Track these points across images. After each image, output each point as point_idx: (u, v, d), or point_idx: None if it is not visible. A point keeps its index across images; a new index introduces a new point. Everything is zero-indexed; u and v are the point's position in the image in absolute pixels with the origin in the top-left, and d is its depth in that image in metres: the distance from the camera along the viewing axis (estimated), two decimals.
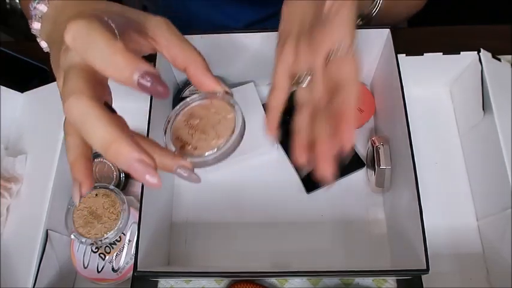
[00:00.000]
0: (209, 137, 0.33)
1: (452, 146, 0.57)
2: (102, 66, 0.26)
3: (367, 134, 0.58)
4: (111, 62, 0.26)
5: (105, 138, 0.25)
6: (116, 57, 0.26)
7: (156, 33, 0.32)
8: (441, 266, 0.50)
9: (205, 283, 0.51)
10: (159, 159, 0.29)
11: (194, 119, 0.34)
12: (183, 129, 0.33)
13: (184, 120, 0.34)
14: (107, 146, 0.25)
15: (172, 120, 0.34)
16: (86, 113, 0.26)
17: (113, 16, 0.29)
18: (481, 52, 0.51)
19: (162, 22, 0.32)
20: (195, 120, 0.34)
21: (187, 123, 0.34)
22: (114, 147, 0.25)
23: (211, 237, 0.53)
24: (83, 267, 0.49)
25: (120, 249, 0.49)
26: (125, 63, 0.26)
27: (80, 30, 0.26)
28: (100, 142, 0.26)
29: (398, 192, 0.49)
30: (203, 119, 0.33)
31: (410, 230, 0.44)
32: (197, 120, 0.33)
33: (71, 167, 0.29)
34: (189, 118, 0.34)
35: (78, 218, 0.50)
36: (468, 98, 0.54)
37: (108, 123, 0.26)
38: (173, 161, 0.30)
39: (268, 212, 0.54)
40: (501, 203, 0.46)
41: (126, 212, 0.50)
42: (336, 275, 0.45)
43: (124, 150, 0.25)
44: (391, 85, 0.50)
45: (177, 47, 0.32)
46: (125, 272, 0.47)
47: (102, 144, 0.26)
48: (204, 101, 0.34)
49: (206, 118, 0.33)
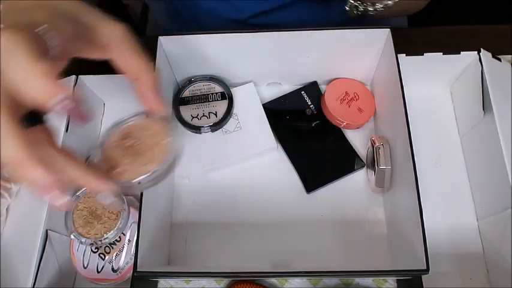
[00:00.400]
0: (139, 162, 0.31)
1: (452, 146, 0.57)
2: (19, 87, 0.25)
3: (367, 134, 0.58)
4: (28, 86, 0.25)
5: (11, 157, 0.25)
6: (34, 81, 0.25)
7: (111, 41, 0.30)
8: (441, 266, 0.50)
9: (205, 283, 0.51)
10: (82, 178, 0.28)
11: (129, 140, 0.32)
12: (115, 149, 0.32)
13: (119, 139, 0.32)
14: (13, 165, 0.25)
15: (104, 139, 0.32)
16: None
17: (58, 23, 0.28)
18: (481, 52, 0.51)
19: (118, 30, 0.31)
20: (130, 140, 0.32)
21: (120, 144, 0.32)
22: (20, 168, 0.25)
23: (211, 237, 0.53)
24: (83, 267, 0.49)
25: (120, 249, 0.49)
26: (44, 89, 0.25)
27: (5, 44, 0.25)
28: (7, 160, 0.25)
29: (399, 192, 0.49)
30: (137, 141, 0.32)
31: (410, 230, 0.44)
32: (131, 141, 0.32)
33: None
34: (123, 138, 0.32)
35: (78, 218, 0.50)
36: (468, 98, 0.54)
37: (17, 140, 0.25)
38: (95, 183, 0.29)
39: (268, 212, 0.54)
40: (501, 203, 0.46)
41: (126, 212, 0.50)
42: (336, 275, 0.45)
43: (27, 172, 0.25)
44: (391, 85, 0.50)
45: (130, 58, 0.31)
46: (124, 272, 0.47)
47: (8, 162, 0.25)
48: (142, 121, 0.32)
49: (141, 140, 0.32)
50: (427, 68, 0.55)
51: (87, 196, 0.51)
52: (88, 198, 0.51)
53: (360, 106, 0.56)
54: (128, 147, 0.32)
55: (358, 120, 0.56)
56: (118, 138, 0.32)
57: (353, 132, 0.58)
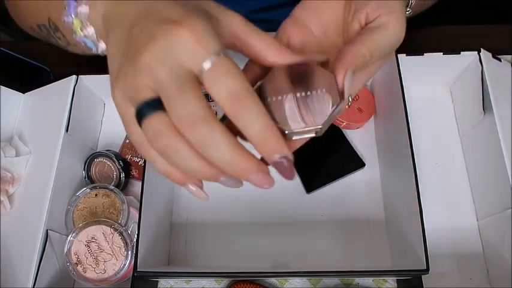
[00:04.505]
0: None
1: (452, 146, 0.57)
2: (251, 138, 0.24)
3: (367, 134, 0.58)
4: (261, 138, 0.24)
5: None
6: (269, 135, 0.24)
7: (236, 31, 0.29)
8: (441, 266, 0.50)
9: (205, 283, 0.51)
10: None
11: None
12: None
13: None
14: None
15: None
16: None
17: (203, 12, 0.26)
18: (481, 52, 0.51)
19: (240, 19, 0.29)
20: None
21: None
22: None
23: (211, 237, 0.53)
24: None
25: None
26: (276, 144, 0.24)
27: (224, 66, 0.24)
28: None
29: (399, 192, 0.49)
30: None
31: (410, 230, 0.44)
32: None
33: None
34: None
35: (78, 218, 0.51)
36: (468, 98, 0.54)
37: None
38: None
39: (268, 212, 0.54)
40: (501, 203, 0.46)
41: (126, 212, 0.50)
42: (336, 275, 0.45)
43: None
44: (391, 85, 0.50)
45: (259, 44, 0.29)
46: (125, 272, 0.47)
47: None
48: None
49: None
50: (427, 68, 0.55)
51: (87, 196, 0.51)
52: (88, 198, 0.51)
53: (360, 106, 0.56)
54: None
55: (358, 120, 0.56)
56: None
57: (353, 132, 0.58)
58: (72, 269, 0.46)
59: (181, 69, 0.24)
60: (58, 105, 0.52)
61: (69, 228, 0.50)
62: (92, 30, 0.32)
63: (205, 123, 0.23)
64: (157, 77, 0.24)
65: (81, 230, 0.47)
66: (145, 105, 0.24)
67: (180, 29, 0.24)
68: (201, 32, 0.24)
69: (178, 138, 0.24)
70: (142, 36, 0.25)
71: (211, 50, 0.24)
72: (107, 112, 0.61)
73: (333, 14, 0.34)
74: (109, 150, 0.56)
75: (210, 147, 0.23)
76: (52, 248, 0.48)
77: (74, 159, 0.54)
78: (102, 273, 0.46)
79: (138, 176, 0.56)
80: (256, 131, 0.24)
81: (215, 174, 0.25)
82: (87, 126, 0.58)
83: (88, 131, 0.58)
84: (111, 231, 0.47)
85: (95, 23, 0.32)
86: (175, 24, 0.24)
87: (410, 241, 0.44)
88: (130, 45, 0.26)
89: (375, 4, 0.30)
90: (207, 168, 0.25)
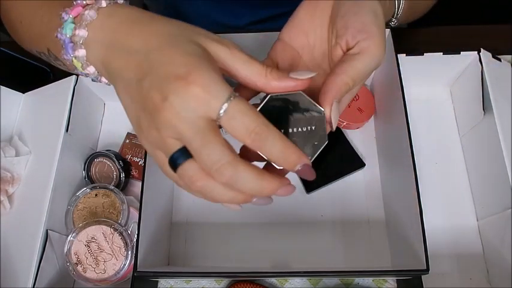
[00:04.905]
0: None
1: (452, 146, 0.57)
2: (274, 159, 0.28)
3: (367, 134, 0.58)
4: (283, 158, 0.28)
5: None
6: (288, 153, 0.28)
7: (224, 63, 0.31)
8: (441, 266, 0.50)
9: (205, 283, 0.51)
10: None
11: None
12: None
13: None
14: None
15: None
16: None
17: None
18: (481, 52, 0.51)
19: (226, 52, 0.30)
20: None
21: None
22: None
23: (211, 237, 0.53)
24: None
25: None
26: (296, 158, 0.28)
27: (238, 108, 0.27)
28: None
29: (399, 192, 0.49)
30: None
31: (410, 230, 0.44)
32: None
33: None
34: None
35: (78, 218, 0.51)
36: (468, 98, 0.54)
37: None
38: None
39: (268, 212, 0.54)
40: (501, 203, 0.46)
41: (126, 212, 0.50)
42: (336, 275, 0.45)
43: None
44: (391, 85, 0.50)
45: (247, 75, 0.31)
46: (125, 272, 0.47)
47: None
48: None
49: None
50: (427, 68, 0.55)
51: (87, 196, 0.51)
52: (88, 198, 0.51)
53: (360, 106, 0.56)
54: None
55: (358, 120, 0.56)
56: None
57: (353, 132, 0.58)
58: (72, 269, 0.46)
59: (199, 121, 0.27)
60: (58, 105, 0.52)
61: (69, 228, 0.50)
62: (93, 69, 0.34)
63: (230, 167, 0.27)
64: (180, 133, 0.27)
65: (81, 230, 0.47)
66: (176, 156, 0.28)
67: (189, 86, 0.26)
68: (208, 83, 0.27)
69: (210, 180, 0.28)
70: (154, 94, 0.27)
71: (222, 97, 0.27)
72: (106, 112, 0.61)
73: (318, 36, 0.36)
74: (109, 150, 0.56)
75: (239, 183, 0.27)
76: (52, 248, 0.48)
77: (74, 159, 0.54)
78: (102, 273, 0.46)
79: (138, 176, 0.56)
80: (278, 154, 0.28)
81: (247, 199, 0.30)
82: (87, 126, 0.58)
83: (88, 131, 0.58)
84: (111, 231, 0.47)
85: (94, 64, 0.33)
86: (182, 81, 0.26)
87: (410, 241, 0.44)
88: (145, 100, 0.28)
89: (354, 30, 0.32)
90: (240, 196, 0.29)
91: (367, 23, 0.33)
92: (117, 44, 0.30)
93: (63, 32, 0.33)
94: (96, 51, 0.32)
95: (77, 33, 0.32)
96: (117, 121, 0.60)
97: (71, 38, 0.32)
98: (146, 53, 0.29)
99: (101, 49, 0.31)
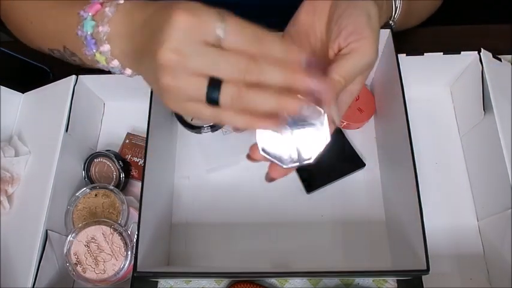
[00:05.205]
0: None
1: (452, 146, 0.57)
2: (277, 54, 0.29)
3: (367, 134, 0.57)
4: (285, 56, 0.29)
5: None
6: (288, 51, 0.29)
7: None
8: (441, 266, 0.50)
9: (205, 283, 0.51)
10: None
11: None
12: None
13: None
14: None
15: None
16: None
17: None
18: (482, 52, 0.51)
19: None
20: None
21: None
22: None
23: (211, 238, 0.53)
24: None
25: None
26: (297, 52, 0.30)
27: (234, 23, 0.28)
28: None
29: (399, 192, 0.49)
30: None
31: (410, 230, 0.44)
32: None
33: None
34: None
35: (78, 218, 0.51)
36: (468, 98, 0.54)
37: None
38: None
39: (268, 212, 0.54)
40: (501, 203, 0.46)
41: (126, 212, 0.50)
42: (336, 275, 0.45)
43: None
44: (391, 85, 0.49)
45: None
46: (124, 273, 0.47)
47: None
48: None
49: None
50: (427, 68, 0.55)
51: (86, 196, 0.51)
52: (88, 199, 0.51)
53: (360, 106, 0.56)
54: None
55: (358, 120, 0.56)
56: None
57: (353, 132, 0.58)
58: (72, 269, 0.46)
59: (201, 45, 0.28)
60: (58, 105, 0.52)
61: (68, 228, 0.50)
62: (117, 63, 0.35)
63: (253, 62, 0.28)
64: (194, 67, 0.28)
65: (81, 230, 0.47)
66: (210, 90, 0.28)
67: (174, 17, 0.27)
68: (193, 10, 0.28)
69: (249, 89, 0.28)
70: (161, 56, 0.28)
71: (213, 18, 0.28)
72: (106, 112, 0.61)
73: (318, 38, 0.37)
74: (109, 150, 0.56)
75: (267, 76, 0.28)
76: (52, 248, 0.48)
77: (74, 159, 0.54)
78: (101, 273, 0.46)
79: (138, 176, 0.56)
80: (280, 52, 0.29)
81: (291, 101, 0.29)
82: (86, 126, 0.58)
83: (88, 131, 0.58)
84: (111, 232, 0.47)
85: (118, 57, 0.35)
86: (171, 14, 0.28)
87: (410, 241, 0.44)
88: (157, 64, 0.29)
89: (347, 33, 0.34)
90: (281, 99, 0.29)
91: (360, 25, 0.33)
92: (143, 31, 0.32)
93: (83, 29, 0.34)
94: (119, 44, 0.34)
95: (100, 29, 0.34)
96: (117, 121, 0.60)
97: (92, 35, 0.34)
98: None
99: (124, 42, 0.33)
